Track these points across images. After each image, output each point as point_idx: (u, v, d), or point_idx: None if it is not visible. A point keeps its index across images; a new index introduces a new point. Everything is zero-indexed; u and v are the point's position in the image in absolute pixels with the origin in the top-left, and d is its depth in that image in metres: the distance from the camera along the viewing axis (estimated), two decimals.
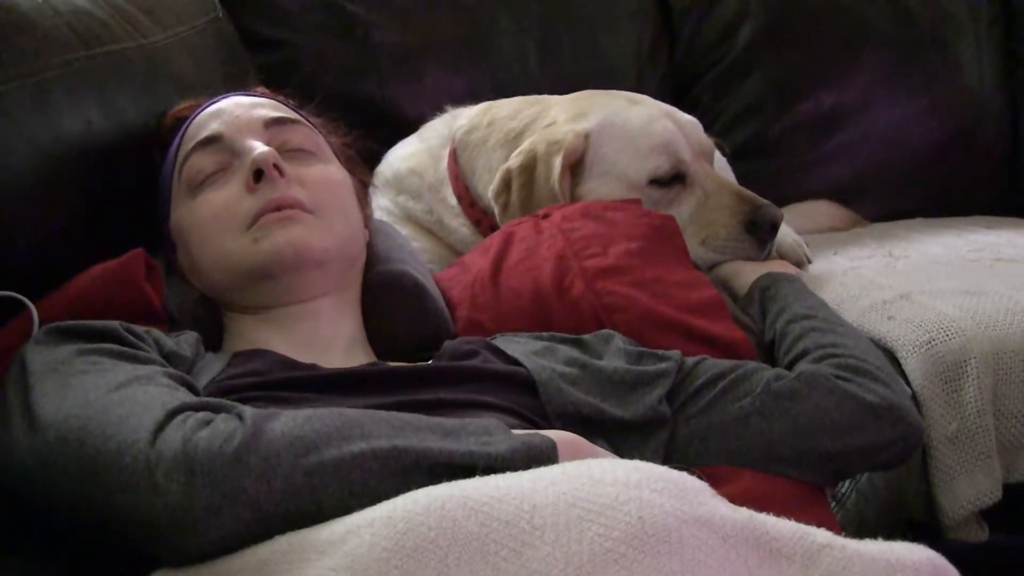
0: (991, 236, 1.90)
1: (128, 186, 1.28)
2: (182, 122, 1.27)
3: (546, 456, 0.85)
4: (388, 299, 1.27)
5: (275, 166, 1.16)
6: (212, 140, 1.21)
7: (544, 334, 1.21)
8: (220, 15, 1.75)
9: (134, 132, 1.30)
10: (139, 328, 1.04)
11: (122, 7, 1.41)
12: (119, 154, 1.28)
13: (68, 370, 0.93)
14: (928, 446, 1.38)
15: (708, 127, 1.68)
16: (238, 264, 1.16)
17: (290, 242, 1.14)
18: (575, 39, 2.06)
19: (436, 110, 1.76)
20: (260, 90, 1.38)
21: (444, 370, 1.10)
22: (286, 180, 1.17)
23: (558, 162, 1.48)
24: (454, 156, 1.64)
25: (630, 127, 1.52)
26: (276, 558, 0.76)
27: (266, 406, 0.89)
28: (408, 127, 1.80)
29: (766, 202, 1.50)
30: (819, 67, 2.11)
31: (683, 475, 0.80)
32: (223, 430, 0.80)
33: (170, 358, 1.03)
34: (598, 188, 1.50)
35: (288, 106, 1.31)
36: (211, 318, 1.22)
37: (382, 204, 1.68)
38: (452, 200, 1.63)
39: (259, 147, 1.18)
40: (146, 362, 0.97)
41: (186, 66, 1.49)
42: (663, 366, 1.14)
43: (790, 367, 1.21)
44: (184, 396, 0.89)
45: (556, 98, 1.63)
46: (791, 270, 1.48)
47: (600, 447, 0.99)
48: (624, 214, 1.38)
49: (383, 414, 0.86)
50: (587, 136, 1.51)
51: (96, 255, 1.17)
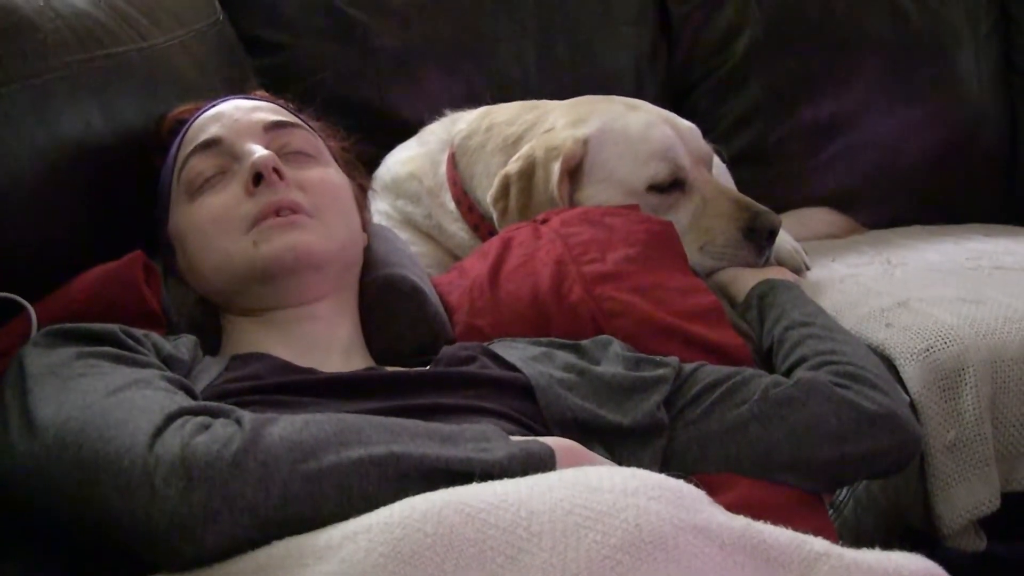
0: (989, 244, 1.90)
1: (127, 189, 1.28)
2: (182, 125, 1.27)
3: (544, 463, 0.85)
4: (387, 303, 1.27)
5: (274, 170, 1.16)
6: (211, 143, 1.21)
7: (542, 340, 1.21)
8: (220, 18, 1.75)
9: (134, 135, 1.30)
10: (138, 331, 1.04)
11: (123, 10, 1.41)
12: (119, 157, 1.28)
13: (67, 373, 0.92)
14: (926, 454, 1.38)
15: (707, 133, 1.68)
16: (237, 267, 1.16)
17: (290, 246, 1.14)
18: (574, 44, 2.06)
19: (435, 114, 1.76)
20: (260, 94, 1.38)
21: (442, 375, 1.10)
22: (285, 184, 1.17)
23: (557, 167, 1.48)
24: (453, 161, 1.64)
25: (629, 133, 1.52)
26: (273, 563, 0.76)
27: (264, 410, 0.89)
28: (407, 131, 1.80)
29: (764, 209, 1.50)
30: (817, 75, 2.11)
31: (680, 483, 0.80)
32: (222, 435, 0.80)
33: (168, 361, 1.03)
34: (597, 194, 1.50)
35: (288, 110, 1.31)
36: (209, 321, 1.22)
37: (381, 208, 1.68)
38: (451, 205, 1.63)
39: (258, 151, 1.18)
40: (144, 366, 0.96)
41: (186, 69, 1.49)
42: (661, 372, 1.13)
43: (788, 374, 1.21)
44: (182, 400, 0.89)
45: (555, 103, 1.63)
46: (789, 277, 1.48)
47: (598, 453, 0.99)
48: (623, 220, 1.38)
49: (381, 419, 0.86)
50: (586, 142, 1.51)
51: (95, 257, 1.17)
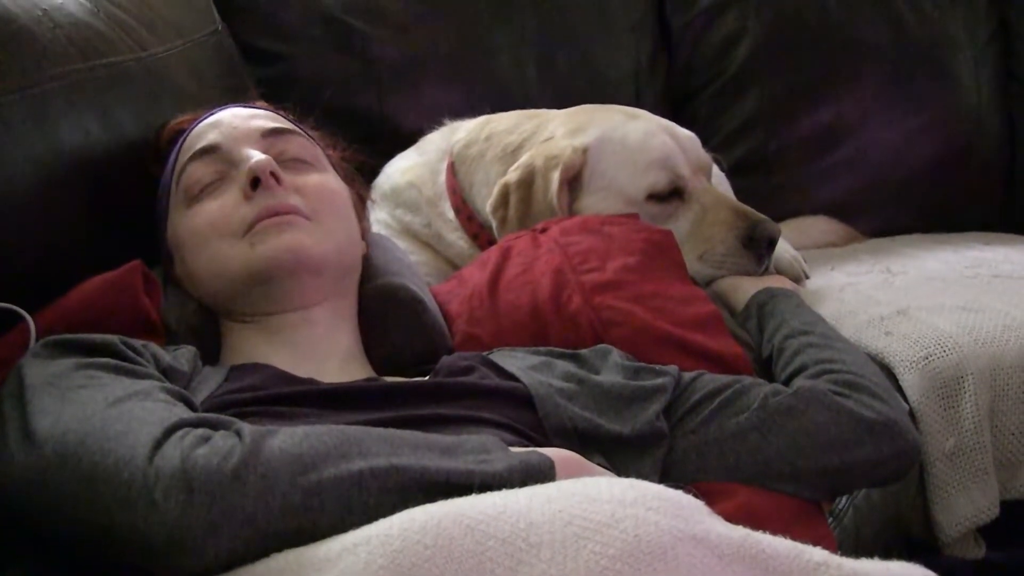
0: (988, 252, 1.90)
1: (126, 198, 1.28)
2: (180, 134, 1.27)
3: (544, 474, 0.85)
4: (386, 312, 1.27)
5: (272, 174, 1.16)
6: (209, 150, 1.21)
7: (541, 349, 1.21)
8: (220, 28, 1.75)
9: (133, 144, 1.30)
10: (137, 342, 1.04)
11: (122, 20, 1.41)
12: (118, 166, 1.28)
13: (66, 384, 0.92)
14: (925, 463, 1.38)
15: (706, 142, 1.68)
16: (235, 270, 1.16)
17: (287, 247, 1.14)
18: (573, 53, 2.06)
19: (434, 124, 1.76)
20: (259, 103, 1.38)
21: (441, 386, 1.10)
22: (283, 188, 1.17)
23: (556, 176, 1.48)
24: (452, 170, 1.64)
25: (628, 142, 1.52)
26: (273, 575, 0.76)
27: (264, 421, 0.90)
28: (406, 141, 1.80)
29: (764, 217, 1.50)
30: (817, 84, 2.12)
31: (679, 493, 0.80)
32: (222, 447, 0.79)
33: (168, 373, 1.03)
34: (596, 203, 1.50)
35: (287, 119, 1.31)
36: (209, 330, 1.22)
37: (380, 218, 1.68)
38: (450, 214, 1.63)
39: (256, 155, 1.18)
40: (144, 377, 0.96)
41: (185, 79, 1.49)
42: (660, 381, 1.13)
43: (787, 383, 1.21)
44: (182, 412, 0.88)
45: (554, 112, 1.63)
46: (789, 285, 1.48)
47: (597, 462, 0.99)
48: (622, 229, 1.38)
49: (381, 431, 0.86)
50: (585, 151, 1.51)
51: (94, 267, 1.17)
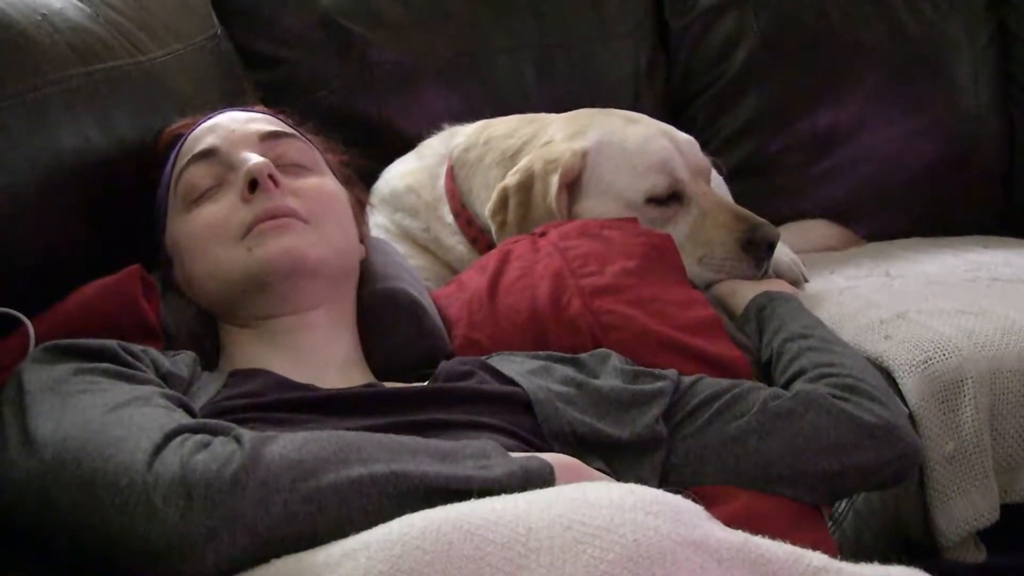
0: (987, 256, 1.89)
1: (125, 203, 1.28)
2: (179, 139, 1.27)
3: (543, 479, 0.85)
4: (385, 317, 1.27)
5: (270, 176, 1.16)
6: (207, 153, 1.21)
7: (541, 353, 1.21)
8: (218, 33, 1.75)
9: (132, 149, 1.30)
10: (136, 347, 1.04)
11: (121, 24, 1.41)
12: (117, 171, 1.28)
13: (65, 389, 0.92)
14: (925, 466, 1.38)
15: (705, 146, 1.68)
16: (233, 273, 1.16)
17: (285, 250, 1.14)
18: (572, 57, 2.06)
19: (433, 128, 1.76)
20: (258, 107, 1.38)
21: (440, 391, 1.10)
22: (280, 191, 1.17)
23: (555, 180, 1.48)
24: (451, 174, 1.64)
25: (627, 146, 1.52)
26: None
27: (263, 427, 0.90)
28: (405, 145, 1.80)
29: (763, 221, 1.50)
30: (816, 87, 2.11)
31: (678, 497, 0.80)
32: (221, 453, 0.79)
33: (167, 378, 1.03)
34: (595, 207, 1.50)
35: (285, 123, 1.31)
36: (208, 334, 1.22)
37: (379, 222, 1.68)
38: (449, 218, 1.63)
39: (254, 158, 1.18)
40: (143, 382, 0.96)
41: (184, 83, 1.49)
42: (660, 385, 1.13)
43: (787, 386, 1.21)
44: (181, 418, 0.88)
45: (553, 116, 1.64)
46: (788, 289, 1.48)
47: (597, 467, 0.99)
48: (621, 232, 1.38)
49: (380, 437, 0.86)
50: (584, 155, 1.51)
51: (93, 272, 1.17)
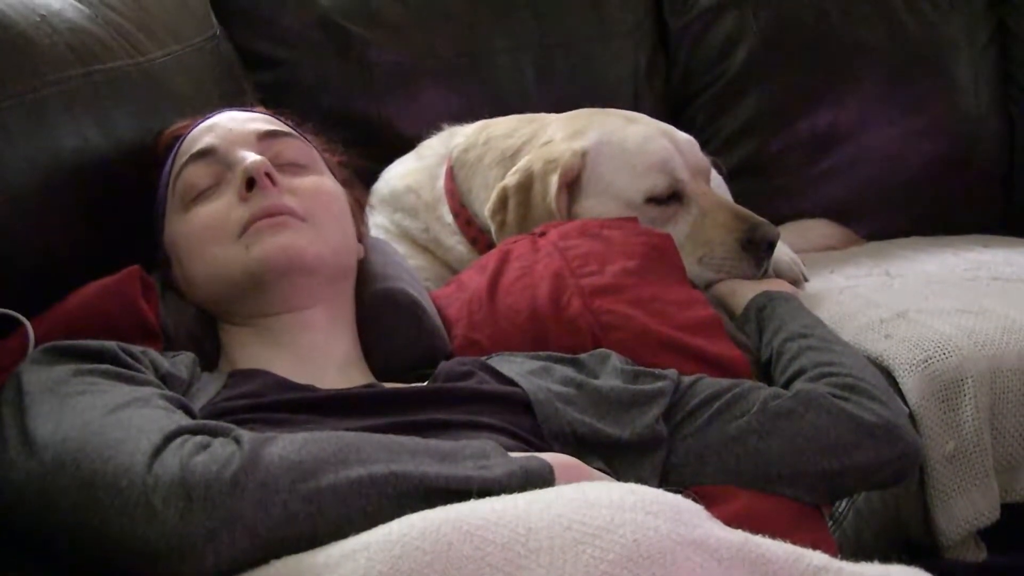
0: (987, 255, 1.89)
1: (124, 204, 1.28)
2: (178, 140, 1.27)
3: (543, 480, 0.85)
4: (384, 317, 1.27)
5: (267, 174, 1.16)
6: (205, 153, 1.21)
7: (541, 354, 1.21)
8: (218, 34, 1.75)
9: (131, 150, 1.30)
10: (136, 348, 1.04)
11: (120, 25, 1.41)
12: (116, 172, 1.28)
13: (65, 391, 0.92)
14: (926, 466, 1.38)
15: (705, 146, 1.68)
16: (231, 272, 1.16)
17: (282, 247, 1.14)
18: (572, 58, 2.06)
19: (433, 128, 1.76)
20: (257, 108, 1.38)
21: (440, 391, 1.10)
22: (278, 189, 1.17)
23: (555, 180, 1.48)
24: (451, 174, 1.64)
25: (627, 145, 1.52)
26: None
27: (263, 428, 0.90)
28: (405, 145, 1.80)
29: (763, 220, 1.50)
30: (815, 87, 2.11)
31: (678, 497, 0.80)
32: (221, 454, 0.79)
33: (166, 379, 1.03)
34: (595, 206, 1.50)
35: (284, 122, 1.31)
36: (207, 335, 1.22)
37: (378, 222, 1.68)
38: (448, 218, 1.63)
39: (251, 157, 1.18)
40: (143, 384, 0.96)
41: (183, 84, 1.49)
42: (660, 385, 1.13)
43: (787, 386, 1.20)
44: (181, 419, 0.88)
45: (553, 116, 1.64)
46: (788, 288, 1.48)
47: (597, 467, 0.99)
48: (621, 232, 1.38)
49: (380, 438, 0.86)
50: (584, 154, 1.51)
51: (92, 273, 1.17)
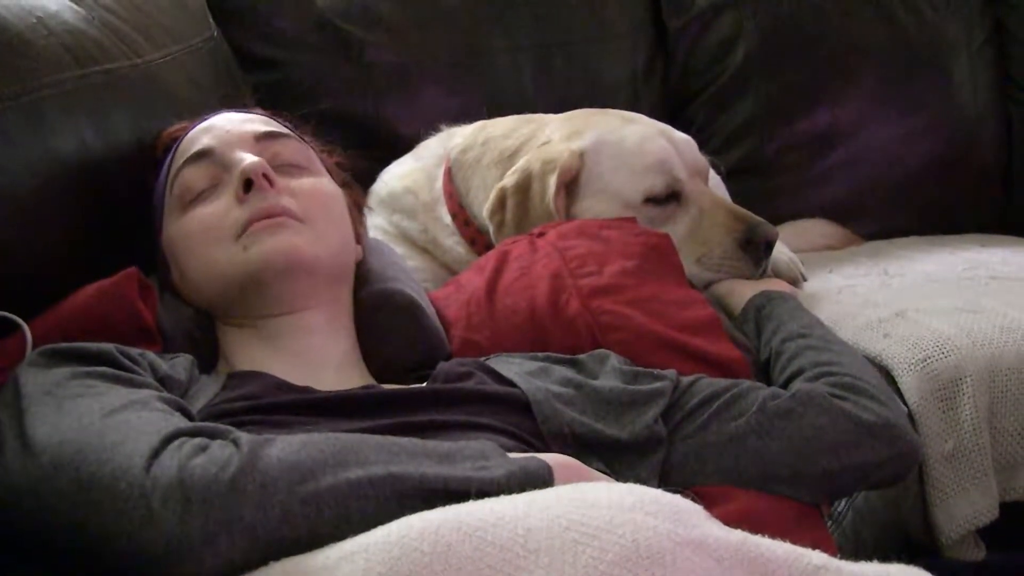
0: (985, 254, 1.90)
1: (122, 205, 1.28)
2: (176, 141, 1.27)
3: (542, 480, 0.85)
4: (383, 318, 1.26)
5: (264, 176, 1.16)
6: (203, 154, 1.21)
7: (539, 354, 1.21)
8: (215, 35, 1.75)
9: (128, 151, 1.30)
10: (134, 351, 1.04)
11: (117, 26, 1.41)
12: (113, 173, 1.27)
13: (63, 393, 0.92)
14: (924, 465, 1.38)
15: (703, 146, 1.68)
16: (229, 273, 1.16)
17: (280, 248, 1.14)
18: (570, 58, 2.06)
19: (431, 129, 1.76)
20: (255, 109, 1.38)
21: (439, 392, 1.10)
22: (276, 190, 1.17)
23: (553, 181, 1.48)
24: (449, 175, 1.64)
25: (625, 145, 1.52)
26: None
27: (262, 430, 0.90)
28: (403, 146, 1.80)
29: (761, 220, 1.50)
30: (814, 86, 2.11)
31: (677, 498, 0.80)
32: (219, 456, 0.79)
33: (164, 381, 1.02)
34: (593, 207, 1.50)
35: (281, 123, 1.31)
36: (205, 337, 1.22)
37: (377, 223, 1.68)
38: (447, 219, 1.63)
39: (248, 158, 1.18)
40: (141, 386, 0.96)
41: (181, 86, 1.49)
42: (658, 385, 1.13)
43: (786, 386, 1.20)
44: (179, 421, 0.88)
45: (551, 117, 1.64)
46: (786, 288, 1.48)
47: (596, 468, 0.99)
48: (619, 232, 1.38)
49: (378, 439, 0.86)
50: (582, 155, 1.51)
51: (90, 275, 1.17)
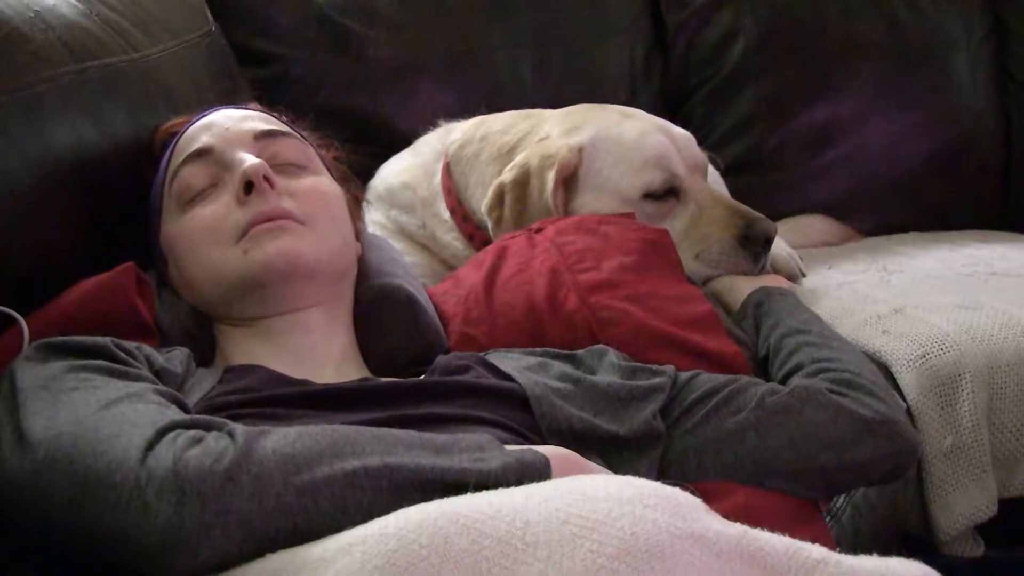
0: (984, 250, 1.90)
1: (120, 200, 1.28)
2: (173, 137, 1.27)
3: (539, 472, 0.85)
4: (381, 313, 1.26)
5: (265, 178, 1.16)
6: (202, 153, 1.21)
7: (537, 350, 1.21)
8: (213, 29, 1.75)
9: (126, 146, 1.30)
10: (130, 344, 1.04)
11: (114, 21, 1.40)
12: (111, 168, 1.27)
13: (58, 387, 0.92)
14: (923, 461, 1.38)
15: (702, 141, 1.68)
16: (228, 276, 1.15)
17: (280, 252, 1.14)
18: (569, 54, 2.06)
19: (429, 125, 1.77)
20: (252, 105, 1.38)
21: (437, 385, 1.10)
22: (276, 192, 1.17)
23: (551, 176, 1.47)
24: (447, 170, 1.64)
25: (623, 141, 1.52)
26: None
27: (258, 423, 0.89)
28: (401, 142, 1.80)
29: (760, 216, 1.50)
30: (813, 82, 2.11)
31: (676, 491, 0.80)
32: (214, 448, 0.79)
33: (161, 375, 1.02)
34: (592, 202, 1.50)
35: (280, 120, 1.31)
36: (202, 332, 1.22)
37: (375, 218, 1.68)
38: (445, 214, 1.63)
39: (249, 159, 1.17)
40: (137, 379, 0.96)
41: (178, 80, 1.48)
42: (657, 381, 1.13)
43: (784, 382, 1.20)
44: (174, 414, 0.88)
45: (549, 112, 1.63)
46: (785, 284, 1.48)
47: (594, 463, 0.99)
48: (618, 228, 1.38)
49: (375, 431, 0.86)
50: (580, 150, 1.51)
51: (87, 269, 1.17)
